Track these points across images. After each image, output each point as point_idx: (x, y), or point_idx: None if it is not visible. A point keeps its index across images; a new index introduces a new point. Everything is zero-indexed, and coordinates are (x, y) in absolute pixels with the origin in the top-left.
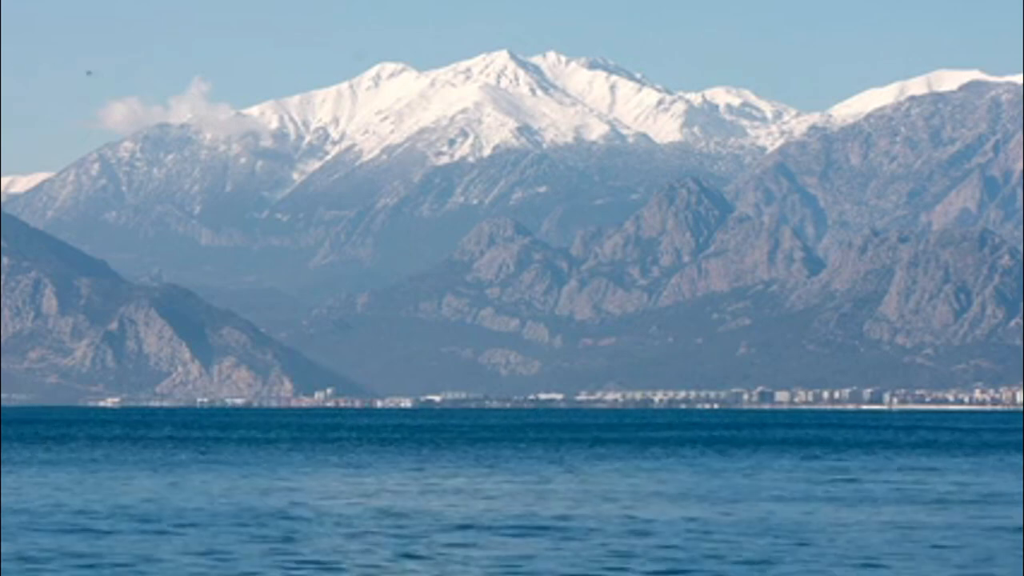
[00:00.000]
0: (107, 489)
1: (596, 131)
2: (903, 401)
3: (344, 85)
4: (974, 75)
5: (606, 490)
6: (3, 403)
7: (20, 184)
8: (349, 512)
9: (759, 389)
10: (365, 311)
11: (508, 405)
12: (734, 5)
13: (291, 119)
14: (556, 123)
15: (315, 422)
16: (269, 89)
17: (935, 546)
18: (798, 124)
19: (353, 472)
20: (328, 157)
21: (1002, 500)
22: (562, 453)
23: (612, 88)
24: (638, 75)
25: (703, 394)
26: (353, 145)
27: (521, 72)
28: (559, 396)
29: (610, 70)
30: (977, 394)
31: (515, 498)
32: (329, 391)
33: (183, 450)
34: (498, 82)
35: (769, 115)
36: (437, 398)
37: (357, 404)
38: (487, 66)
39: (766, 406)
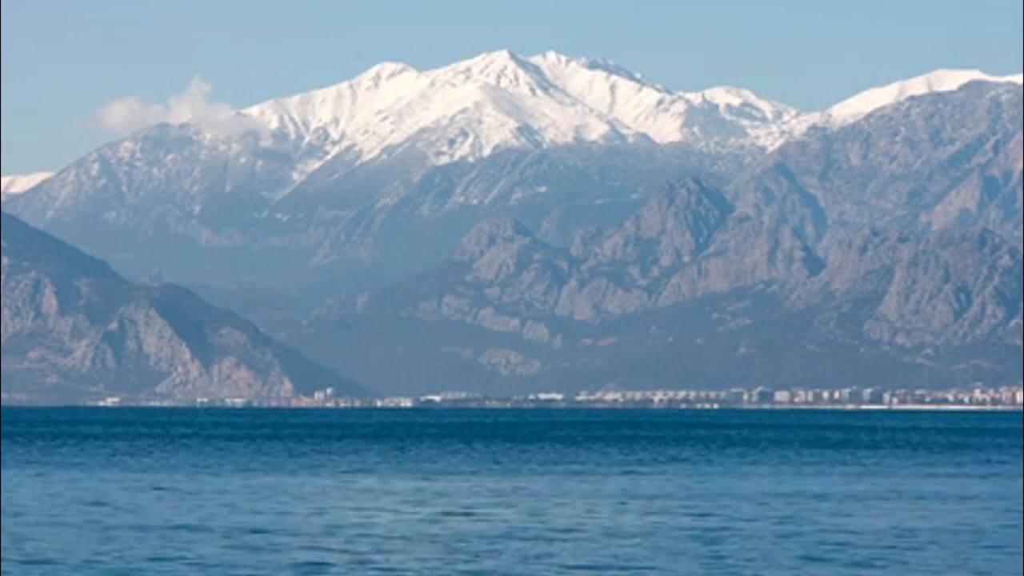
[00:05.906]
0: None
1: (596, 131)
2: (903, 401)
3: (344, 85)
4: (974, 75)
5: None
6: (3, 403)
7: (20, 184)
8: None
9: (759, 389)
10: (365, 311)
11: (508, 405)
12: (734, 5)
13: (291, 119)
14: (556, 123)
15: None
16: (269, 89)
17: None
18: (798, 124)
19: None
20: (328, 157)
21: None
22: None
23: (612, 88)
24: (638, 75)
25: (703, 394)
26: (353, 145)
27: (521, 72)
28: (559, 396)
29: (610, 70)
30: (977, 394)
31: None
32: (329, 391)
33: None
34: (498, 82)
35: (769, 115)
36: (437, 398)
37: (357, 404)
38: (487, 66)
39: (766, 406)
